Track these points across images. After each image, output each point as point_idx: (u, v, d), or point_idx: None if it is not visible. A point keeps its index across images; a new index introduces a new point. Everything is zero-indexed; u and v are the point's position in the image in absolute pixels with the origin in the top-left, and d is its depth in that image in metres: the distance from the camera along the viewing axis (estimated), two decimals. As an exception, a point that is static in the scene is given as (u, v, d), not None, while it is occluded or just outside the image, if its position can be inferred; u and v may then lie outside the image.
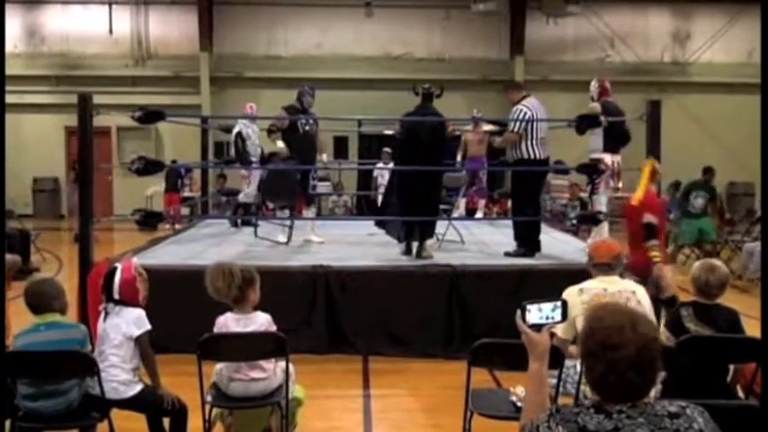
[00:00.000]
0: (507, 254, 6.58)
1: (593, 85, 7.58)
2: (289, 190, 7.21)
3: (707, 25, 16.78)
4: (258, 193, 8.71)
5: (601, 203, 7.14)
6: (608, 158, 6.96)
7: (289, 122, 7.16)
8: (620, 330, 1.83)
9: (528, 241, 6.59)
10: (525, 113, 6.42)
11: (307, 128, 7.36)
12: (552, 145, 6.84)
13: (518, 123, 6.41)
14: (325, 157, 8.11)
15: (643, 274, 5.14)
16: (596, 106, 7.06)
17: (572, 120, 7.30)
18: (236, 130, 8.64)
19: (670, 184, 12.08)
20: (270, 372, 3.62)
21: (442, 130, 6.62)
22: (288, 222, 7.31)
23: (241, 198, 9.07)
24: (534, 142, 6.46)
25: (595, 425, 1.81)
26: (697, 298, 3.71)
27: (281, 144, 7.12)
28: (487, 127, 9.64)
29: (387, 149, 11.50)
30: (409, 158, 6.41)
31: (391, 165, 10.82)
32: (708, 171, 9.71)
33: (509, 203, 10.91)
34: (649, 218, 5.33)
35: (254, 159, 8.71)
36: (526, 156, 6.49)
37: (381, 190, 11.39)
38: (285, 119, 7.18)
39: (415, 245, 6.44)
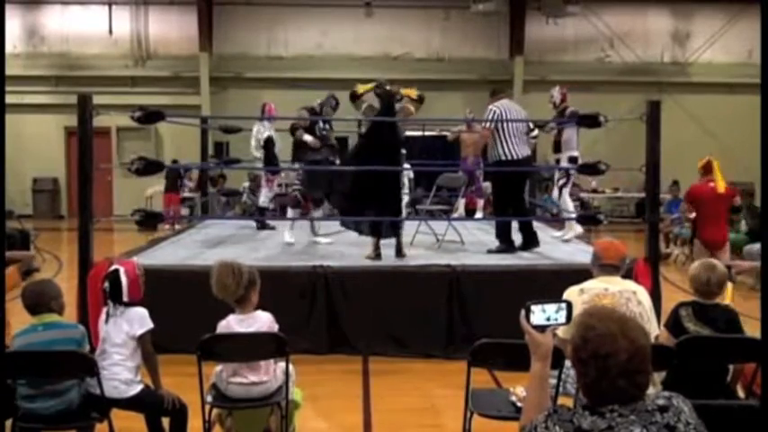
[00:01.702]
0: (490, 251, 6.71)
1: (557, 92, 7.83)
2: (328, 181, 7.31)
3: (706, 25, 16.77)
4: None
5: (567, 202, 7.83)
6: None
7: (309, 124, 7.24)
8: (612, 338, 1.86)
9: (508, 238, 6.73)
10: (494, 112, 6.62)
11: (324, 132, 7.55)
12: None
13: (488, 122, 6.64)
14: None
15: (715, 247, 6.86)
16: (575, 111, 7.55)
17: (573, 119, 7.37)
18: (264, 135, 8.45)
19: (670, 184, 12.13)
20: (270, 375, 3.62)
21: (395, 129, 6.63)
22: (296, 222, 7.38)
23: (263, 202, 9.09)
24: (507, 142, 6.60)
25: (590, 424, 1.84)
26: (696, 298, 3.71)
27: (308, 137, 7.23)
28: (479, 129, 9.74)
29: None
30: (367, 157, 6.44)
31: (406, 165, 10.87)
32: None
33: None
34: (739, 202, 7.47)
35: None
36: (503, 157, 6.62)
37: None
38: (306, 119, 7.24)
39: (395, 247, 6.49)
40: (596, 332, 1.88)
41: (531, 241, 6.73)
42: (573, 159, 7.61)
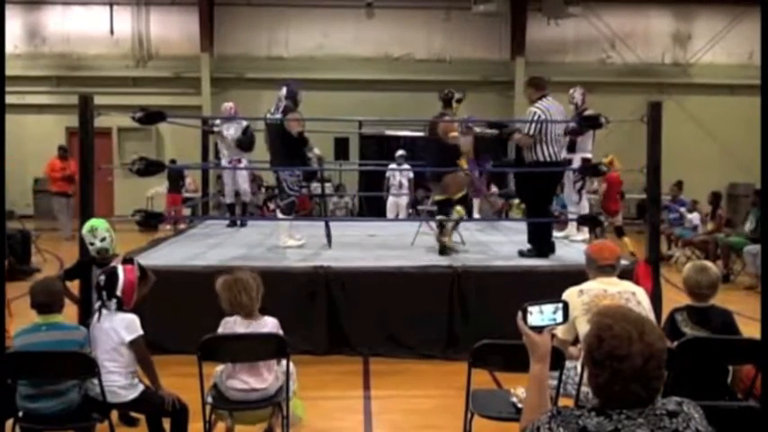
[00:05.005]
0: (521, 253, 6.58)
1: (579, 93, 7.76)
2: None
3: (708, 27, 16.77)
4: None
5: (584, 205, 7.82)
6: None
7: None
8: (628, 341, 1.81)
9: (543, 242, 6.56)
10: (539, 116, 6.36)
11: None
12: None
13: (532, 126, 6.35)
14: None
15: (614, 214, 10.15)
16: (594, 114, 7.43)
17: (575, 120, 7.35)
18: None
19: (673, 184, 12.10)
20: (270, 381, 3.61)
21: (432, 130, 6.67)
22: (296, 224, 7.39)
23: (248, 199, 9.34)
24: (548, 145, 6.42)
25: (595, 425, 1.81)
26: (690, 301, 3.71)
27: (317, 151, 7.31)
28: (474, 129, 9.81)
29: (401, 152, 11.51)
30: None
31: (406, 166, 10.91)
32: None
33: (500, 203, 11.08)
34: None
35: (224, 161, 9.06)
36: (542, 158, 6.43)
37: (393, 191, 11.45)
38: (303, 119, 7.14)
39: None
40: (613, 332, 1.83)
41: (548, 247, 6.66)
42: (586, 161, 7.59)
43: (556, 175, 6.85)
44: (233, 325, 3.62)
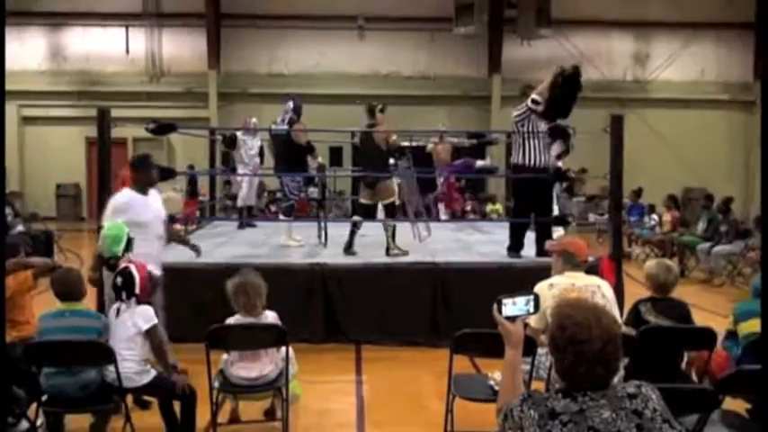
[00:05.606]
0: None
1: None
2: None
3: (664, 47, 16.87)
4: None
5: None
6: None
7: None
8: (587, 327, 1.84)
9: (516, 240, 6.41)
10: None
11: None
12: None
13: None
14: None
15: None
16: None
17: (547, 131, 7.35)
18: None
19: (632, 190, 12.16)
20: (271, 368, 3.60)
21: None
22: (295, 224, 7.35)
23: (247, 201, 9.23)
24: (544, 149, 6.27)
25: (562, 407, 1.82)
26: (653, 294, 3.76)
27: (320, 160, 7.37)
28: (452, 140, 9.96)
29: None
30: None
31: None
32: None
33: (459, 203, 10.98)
34: None
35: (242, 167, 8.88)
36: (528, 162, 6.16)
37: None
38: (306, 130, 7.09)
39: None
40: (573, 320, 1.86)
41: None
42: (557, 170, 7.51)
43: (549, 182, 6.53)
44: (237, 321, 3.61)
